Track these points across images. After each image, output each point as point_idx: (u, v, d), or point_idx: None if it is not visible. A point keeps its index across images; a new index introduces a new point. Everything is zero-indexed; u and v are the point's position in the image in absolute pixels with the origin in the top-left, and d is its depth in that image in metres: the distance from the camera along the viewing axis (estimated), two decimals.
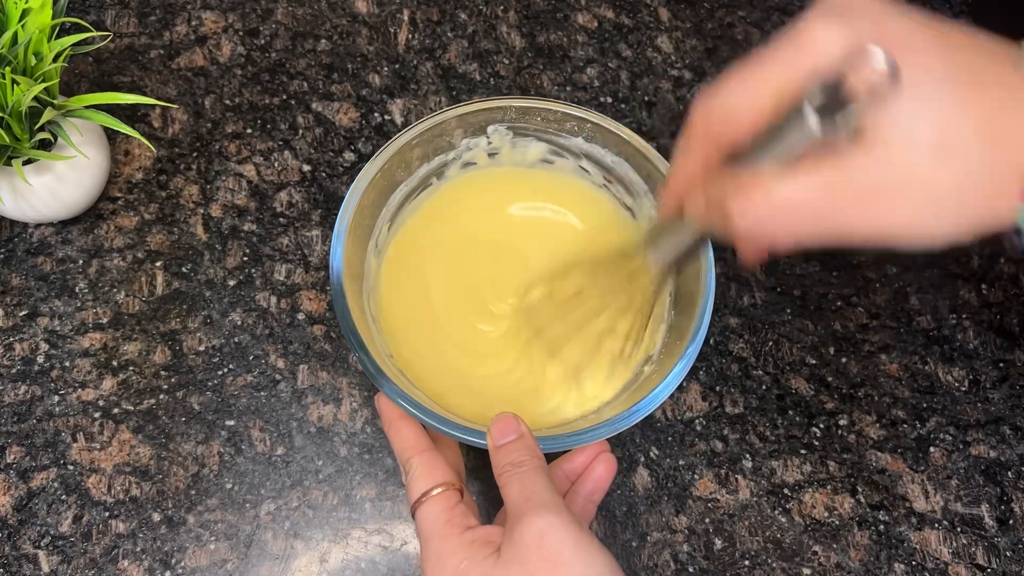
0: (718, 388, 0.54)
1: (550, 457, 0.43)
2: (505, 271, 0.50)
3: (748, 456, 0.52)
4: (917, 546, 0.50)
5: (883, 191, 0.28)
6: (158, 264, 0.55)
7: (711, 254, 0.45)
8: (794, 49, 0.29)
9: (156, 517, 0.48)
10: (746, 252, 0.33)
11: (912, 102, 0.27)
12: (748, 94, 0.30)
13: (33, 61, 0.47)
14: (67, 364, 0.52)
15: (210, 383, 0.52)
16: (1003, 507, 0.51)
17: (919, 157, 0.28)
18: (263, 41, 0.63)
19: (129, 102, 0.49)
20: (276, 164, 0.58)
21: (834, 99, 0.27)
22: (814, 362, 0.55)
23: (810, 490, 0.51)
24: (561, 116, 0.49)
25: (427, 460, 0.40)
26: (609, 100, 0.62)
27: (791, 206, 0.29)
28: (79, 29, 0.60)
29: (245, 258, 0.55)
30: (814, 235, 0.29)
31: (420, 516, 0.39)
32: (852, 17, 0.29)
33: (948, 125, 0.28)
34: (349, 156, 0.59)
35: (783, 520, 0.50)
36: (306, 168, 0.58)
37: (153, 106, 0.59)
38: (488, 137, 0.50)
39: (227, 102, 0.60)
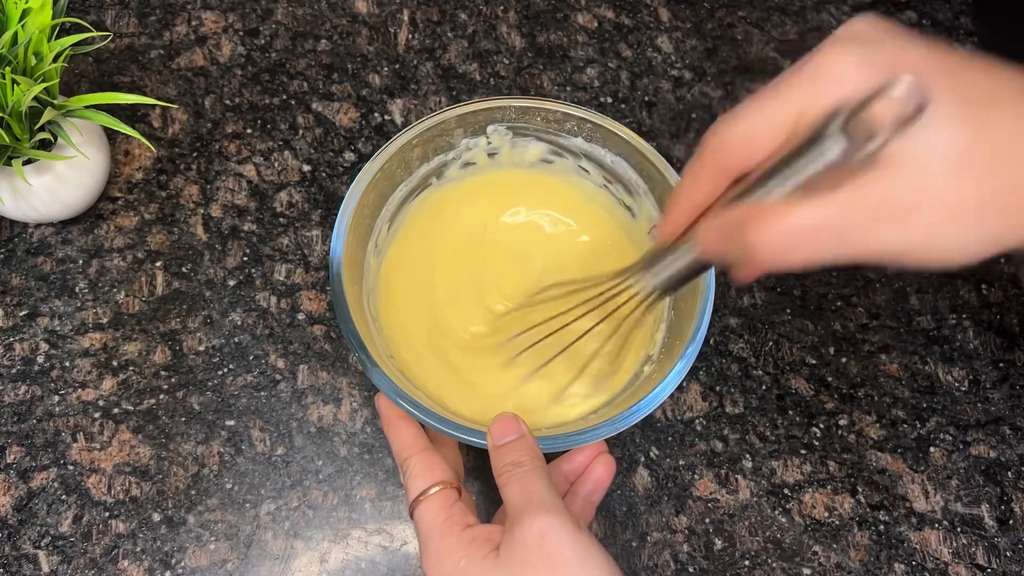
0: (718, 388, 0.54)
1: (550, 457, 0.43)
2: (505, 270, 0.50)
3: (748, 456, 0.52)
4: (917, 546, 0.50)
5: (902, 208, 0.28)
6: (158, 264, 0.55)
7: None
8: (811, 78, 0.29)
9: (156, 517, 0.48)
10: (745, 275, 0.33)
11: (928, 121, 0.27)
12: (767, 122, 0.30)
13: (33, 61, 0.47)
14: (67, 364, 0.52)
15: (210, 383, 0.52)
16: (1003, 507, 0.51)
17: (937, 174, 0.28)
18: (263, 41, 0.63)
19: (129, 102, 0.49)
20: (276, 164, 0.58)
21: (854, 126, 0.27)
22: (814, 362, 0.55)
23: (810, 490, 0.51)
24: (561, 116, 0.49)
25: (425, 459, 0.40)
26: (609, 100, 0.62)
27: (812, 229, 0.29)
28: (79, 29, 0.60)
29: (245, 258, 0.55)
30: (834, 256, 0.29)
31: (419, 515, 0.39)
32: (869, 47, 0.29)
33: (965, 144, 0.28)
34: (349, 156, 0.59)
35: (783, 520, 0.50)
36: (306, 168, 0.58)
37: (153, 106, 0.59)
38: (488, 137, 0.50)
39: (227, 102, 0.60)
